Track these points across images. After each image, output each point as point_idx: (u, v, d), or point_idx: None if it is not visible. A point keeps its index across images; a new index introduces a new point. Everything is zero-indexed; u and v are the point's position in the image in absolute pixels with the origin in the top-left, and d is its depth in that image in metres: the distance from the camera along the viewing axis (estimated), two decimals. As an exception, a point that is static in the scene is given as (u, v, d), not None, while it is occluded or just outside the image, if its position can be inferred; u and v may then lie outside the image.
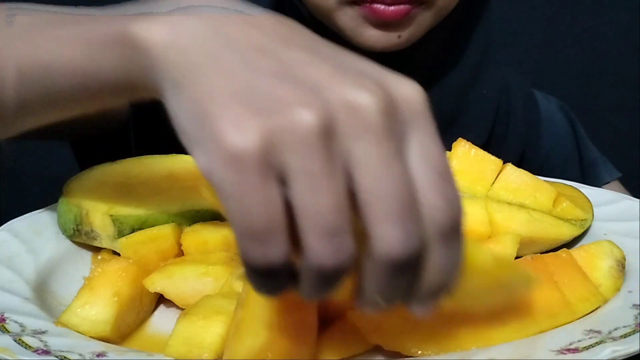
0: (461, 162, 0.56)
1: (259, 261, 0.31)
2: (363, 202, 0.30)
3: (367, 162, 0.30)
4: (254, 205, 0.30)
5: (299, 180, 0.30)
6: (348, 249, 0.31)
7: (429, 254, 0.32)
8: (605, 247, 0.49)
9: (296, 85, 0.31)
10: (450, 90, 0.80)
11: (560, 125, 0.91)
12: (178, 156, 0.65)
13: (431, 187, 0.32)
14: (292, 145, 0.30)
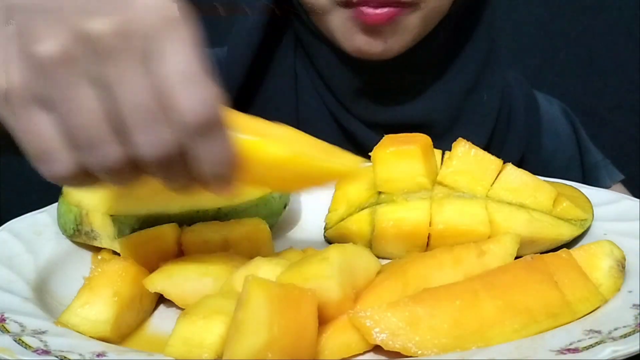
0: (461, 162, 0.56)
1: (49, 175, 0.39)
2: (121, 116, 0.36)
3: (114, 81, 0.36)
4: (25, 134, 0.37)
5: (59, 107, 0.37)
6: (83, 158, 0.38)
7: (193, 149, 0.38)
8: (605, 247, 0.49)
9: (43, 20, 0.36)
10: (451, 95, 0.79)
11: (562, 128, 0.91)
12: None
13: (180, 91, 0.36)
14: (43, 76, 0.36)
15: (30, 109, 0.37)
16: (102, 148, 0.37)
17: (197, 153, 0.38)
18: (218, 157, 0.39)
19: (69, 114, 0.37)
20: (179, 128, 0.37)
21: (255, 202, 0.59)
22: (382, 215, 0.56)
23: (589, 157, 0.91)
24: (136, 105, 0.36)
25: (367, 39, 0.71)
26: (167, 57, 0.36)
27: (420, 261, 0.48)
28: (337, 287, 0.43)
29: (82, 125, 0.37)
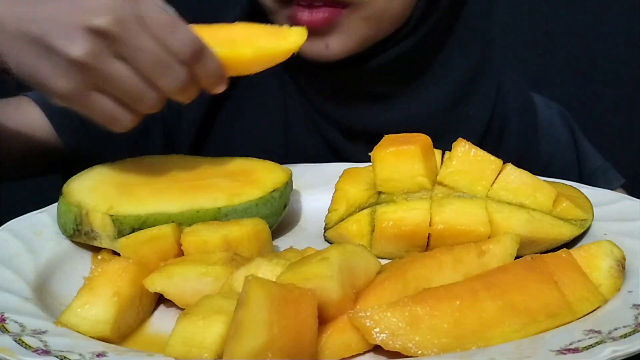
0: (461, 162, 0.56)
1: (119, 130, 0.57)
2: (147, 74, 0.53)
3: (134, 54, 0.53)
4: (92, 111, 0.55)
5: (108, 82, 0.53)
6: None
7: (196, 70, 0.55)
8: (605, 247, 0.49)
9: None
10: (433, 105, 0.78)
11: (560, 133, 0.90)
12: (178, 156, 0.65)
13: (171, 40, 0.53)
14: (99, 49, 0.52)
15: (90, 91, 0.53)
16: (144, 99, 0.55)
17: (199, 71, 0.56)
18: (212, 68, 0.56)
19: (117, 84, 0.53)
20: (182, 63, 0.54)
21: (255, 202, 0.59)
22: (382, 215, 0.56)
23: (587, 164, 0.90)
24: (147, 62, 0.53)
25: (307, 41, 0.71)
26: (151, 23, 0.52)
27: (420, 261, 0.48)
28: (337, 287, 0.43)
29: (128, 90, 0.54)
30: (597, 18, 1.49)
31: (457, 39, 0.79)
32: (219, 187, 0.59)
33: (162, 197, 0.57)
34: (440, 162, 0.58)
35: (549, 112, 0.91)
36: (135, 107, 0.55)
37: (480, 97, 0.81)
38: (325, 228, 0.61)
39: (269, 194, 0.60)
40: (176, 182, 0.60)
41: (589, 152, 0.91)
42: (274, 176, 0.62)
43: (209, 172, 0.62)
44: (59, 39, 0.51)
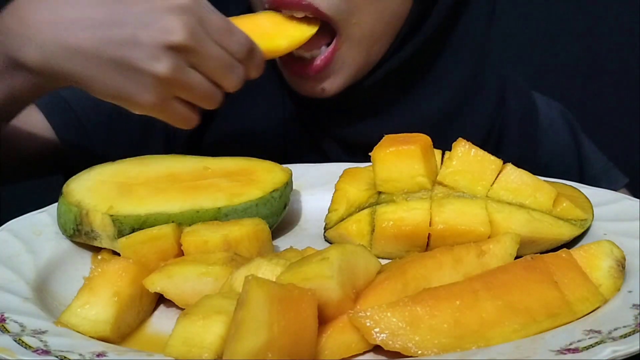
0: (461, 162, 0.56)
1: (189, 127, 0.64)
2: (214, 78, 0.60)
3: (203, 61, 0.59)
4: (171, 117, 0.62)
5: (186, 91, 0.60)
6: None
7: (248, 65, 0.63)
8: (605, 247, 0.49)
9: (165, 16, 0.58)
10: (426, 118, 0.78)
11: (561, 134, 0.89)
12: (178, 156, 0.65)
13: (230, 43, 0.60)
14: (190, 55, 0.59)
15: (170, 100, 0.60)
16: (212, 99, 0.61)
17: (250, 66, 0.62)
18: (259, 61, 0.64)
19: (192, 91, 0.60)
20: (239, 62, 0.61)
21: (255, 202, 0.59)
22: (382, 215, 0.56)
23: (589, 165, 0.89)
24: (219, 67, 0.60)
25: (302, 83, 0.72)
26: (212, 29, 0.59)
27: (420, 261, 0.48)
28: (337, 287, 0.43)
29: (200, 94, 0.60)
30: (597, 17, 1.49)
31: (452, 52, 0.78)
32: (219, 187, 0.59)
33: (162, 197, 0.57)
34: (440, 162, 0.58)
35: (550, 112, 0.90)
36: (204, 106, 0.62)
37: (478, 111, 0.81)
38: (325, 228, 0.61)
39: (269, 194, 0.60)
40: (176, 182, 0.60)
41: (591, 152, 0.91)
42: (274, 176, 0.62)
43: (209, 172, 0.62)
44: (144, 60, 0.56)
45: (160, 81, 0.58)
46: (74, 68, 0.58)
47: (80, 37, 0.57)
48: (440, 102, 0.79)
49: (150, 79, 0.57)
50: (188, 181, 0.60)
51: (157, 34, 0.56)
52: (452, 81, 0.79)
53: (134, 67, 0.57)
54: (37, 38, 0.57)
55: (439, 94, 0.79)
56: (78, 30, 0.57)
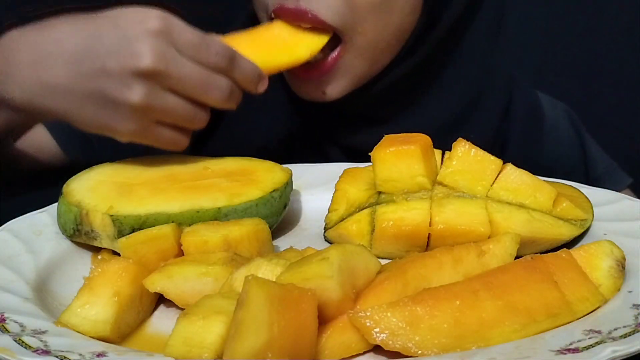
0: (461, 162, 0.56)
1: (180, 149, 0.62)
2: (194, 97, 0.59)
3: (180, 82, 0.57)
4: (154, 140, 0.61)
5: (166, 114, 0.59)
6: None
7: (234, 75, 0.60)
8: (605, 247, 0.49)
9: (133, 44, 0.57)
10: (434, 129, 0.78)
11: (566, 134, 0.89)
12: (178, 156, 0.65)
13: (206, 57, 0.58)
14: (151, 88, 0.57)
15: (152, 125, 0.58)
16: (197, 118, 0.60)
17: (237, 76, 0.60)
18: (248, 70, 0.61)
19: (172, 114, 0.58)
20: (220, 73, 0.58)
21: (255, 202, 0.59)
22: (382, 215, 0.56)
23: (593, 165, 0.89)
24: (197, 85, 0.58)
25: (304, 86, 0.72)
26: (182, 46, 0.57)
27: (420, 261, 0.48)
28: (337, 287, 0.43)
29: (183, 116, 0.59)
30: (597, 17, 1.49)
31: (457, 63, 0.78)
32: (219, 187, 0.59)
33: (162, 197, 0.57)
34: (440, 162, 0.58)
35: (555, 112, 0.90)
36: (189, 127, 0.61)
37: (482, 120, 0.81)
38: (325, 228, 0.61)
39: (269, 194, 0.60)
40: (176, 182, 0.60)
41: (595, 152, 0.90)
42: (274, 176, 0.62)
43: (209, 172, 0.62)
44: (116, 90, 0.56)
45: (136, 109, 0.57)
46: (54, 104, 0.58)
47: (56, 73, 0.57)
48: (445, 112, 0.79)
49: (126, 108, 0.57)
50: (188, 181, 0.60)
51: (125, 61, 0.55)
52: (457, 92, 0.79)
53: (108, 98, 0.56)
54: (18, 77, 0.58)
55: (443, 105, 0.79)
56: (54, 67, 0.57)
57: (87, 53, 0.56)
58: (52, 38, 0.58)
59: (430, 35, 0.74)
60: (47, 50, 0.57)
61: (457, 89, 0.79)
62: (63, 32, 0.58)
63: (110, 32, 0.56)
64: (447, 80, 0.79)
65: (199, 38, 0.57)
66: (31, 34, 0.59)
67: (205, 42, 0.58)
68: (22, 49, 0.58)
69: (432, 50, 0.76)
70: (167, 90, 0.57)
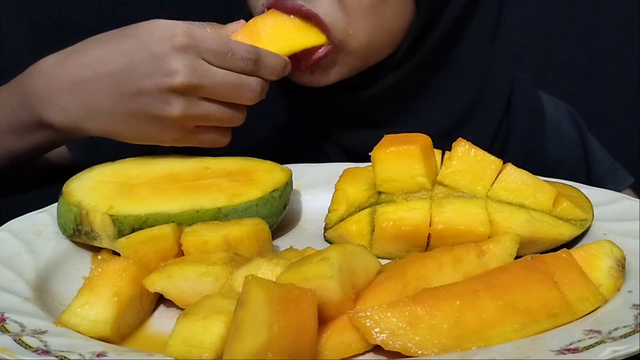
0: (461, 162, 0.56)
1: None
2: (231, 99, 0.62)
3: (214, 91, 0.61)
4: (198, 142, 0.65)
5: (205, 118, 0.62)
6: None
7: (262, 72, 0.63)
8: (605, 247, 0.49)
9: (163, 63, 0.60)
10: (433, 132, 0.78)
11: (568, 134, 0.89)
12: (178, 156, 0.65)
13: (234, 63, 0.61)
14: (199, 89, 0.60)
15: (194, 131, 0.62)
16: (235, 118, 0.63)
17: (265, 73, 0.63)
18: (274, 64, 0.63)
19: (211, 119, 0.62)
20: (250, 75, 0.61)
21: (255, 202, 0.59)
22: (382, 215, 0.56)
23: (595, 168, 0.89)
24: (230, 90, 0.61)
25: (294, 73, 0.71)
26: (210, 56, 0.60)
27: (420, 261, 0.48)
28: (337, 287, 0.43)
29: (221, 119, 0.62)
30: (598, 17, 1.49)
31: (455, 66, 0.78)
32: (219, 187, 0.59)
33: (162, 197, 0.57)
34: (440, 162, 0.58)
35: (557, 112, 0.90)
36: (230, 126, 0.64)
37: (481, 123, 0.81)
38: (325, 228, 0.61)
39: (269, 194, 0.60)
40: (176, 182, 0.60)
41: (597, 152, 0.91)
42: (274, 176, 0.62)
43: (209, 172, 0.62)
44: (155, 107, 0.60)
45: (176, 121, 0.60)
46: (100, 126, 0.62)
47: (98, 97, 0.61)
48: (444, 114, 0.79)
49: (167, 121, 0.60)
50: (188, 181, 0.60)
51: (160, 80, 0.59)
52: (457, 95, 0.79)
53: (150, 115, 0.60)
54: (61, 101, 0.61)
55: (443, 107, 0.79)
56: (96, 92, 0.61)
57: (124, 76, 0.60)
58: (87, 63, 0.61)
59: (427, 38, 0.74)
60: (85, 76, 0.61)
61: (457, 92, 0.79)
62: (96, 57, 0.61)
63: (141, 53, 0.59)
64: (446, 83, 0.79)
65: (224, 46, 0.60)
66: (67, 60, 0.62)
67: (231, 49, 0.60)
68: (60, 75, 0.62)
69: (430, 53, 0.75)
70: (203, 99, 0.60)
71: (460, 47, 0.78)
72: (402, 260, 0.50)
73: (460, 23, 0.77)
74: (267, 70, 0.63)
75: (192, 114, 0.60)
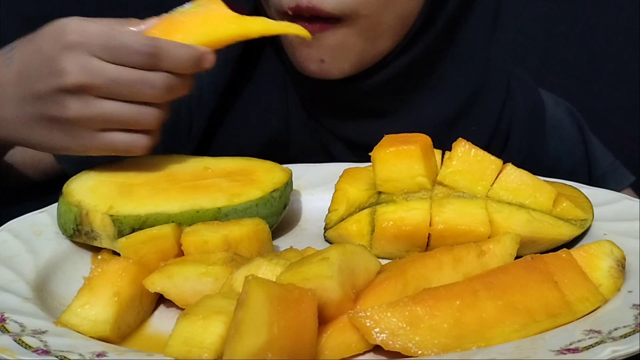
0: (461, 162, 0.56)
1: (139, 152, 0.60)
2: (135, 96, 0.57)
3: (107, 87, 0.56)
4: (97, 149, 0.60)
5: (103, 118, 0.58)
6: None
7: (166, 65, 0.57)
8: (605, 247, 0.49)
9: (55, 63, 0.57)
10: (435, 123, 0.78)
11: (568, 132, 0.89)
12: (178, 156, 0.65)
13: (126, 56, 0.56)
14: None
15: (100, 134, 0.58)
16: (145, 117, 0.58)
17: (169, 65, 0.57)
18: (181, 56, 0.57)
19: (115, 118, 0.57)
20: (149, 68, 0.56)
21: (255, 202, 0.59)
22: (382, 215, 0.56)
23: (596, 167, 0.89)
24: (127, 85, 0.56)
25: (305, 53, 0.70)
26: (101, 52, 0.56)
27: (420, 261, 0.48)
28: (337, 287, 0.43)
29: (127, 118, 0.57)
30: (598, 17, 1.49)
31: (456, 55, 0.78)
32: (219, 187, 0.59)
33: (162, 197, 0.57)
34: (440, 162, 0.58)
35: (558, 110, 0.90)
36: (142, 127, 0.59)
37: (483, 113, 0.81)
38: (325, 228, 0.61)
39: (269, 194, 0.60)
40: (176, 182, 0.60)
41: (598, 150, 0.91)
42: (274, 176, 0.62)
43: (209, 172, 0.62)
44: (52, 110, 0.57)
45: (76, 123, 0.57)
46: (10, 134, 0.61)
47: (2, 105, 0.60)
48: (447, 104, 0.79)
49: (68, 124, 0.57)
50: (188, 181, 0.60)
51: (52, 81, 0.56)
52: (459, 83, 0.79)
53: (50, 118, 0.58)
54: None
55: (445, 96, 0.79)
56: (3, 102, 0.59)
57: (22, 81, 0.58)
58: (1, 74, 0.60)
59: (432, 25, 0.74)
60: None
61: (459, 81, 0.79)
62: (0, 64, 0.60)
63: (36, 56, 0.57)
64: (448, 73, 0.79)
65: (115, 41, 0.56)
66: None
67: (122, 43, 0.56)
68: None
69: (435, 40, 0.75)
70: (101, 98, 0.57)
71: (462, 34, 0.78)
72: (402, 260, 0.50)
73: (463, 9, 0.77)
74: (171, 63, 0.57)
75: (89, 115, 0.57)
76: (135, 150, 0.59)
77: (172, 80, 0.58)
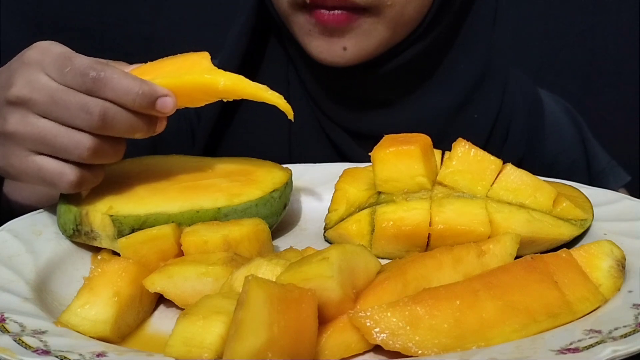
0: (461, 162, 0.56)
1: (67, 188, 0.56)
2: (65, 121, 0.53)
3: (47, 108, 0.54)
4: (33, 174, 0.56)
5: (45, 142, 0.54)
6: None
7: (106, 94, 0.53)
8: (605, 247, 0.49)
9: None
10: (437, 110, 0.79)
11: (567, 130, 0.90)
12: (178, 156, 0.65)
13: (67, 78, 0.53)
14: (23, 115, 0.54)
15: (31, 156, 0.54)
16: (76, 145, 0.54)
17: (109, 95, 0.53)
18: (122, 86, 0.53)
19: (46, 140, 0.54)
20: (87, 92, 0.53)
21: (255, 202, 0.59)
22: (382, 215, 0.56)
23: (595, 164, 0.90)
24: (64, 107, 0.53)
25: (325, 41, 0.70)
26: (48, 69, 0.54)
27: (420, 261, 0.48)
28: (337, 287, 0.43)
29: (58, 142, 0.53)
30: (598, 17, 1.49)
31: (461, 44, 0.79)
32: (219, 187, 0.59)
33: (162, 197, 0.57)
34: (440, 162, 0.58)
35: (556, 109, 0.91)
36: (71, 156, 0.54)
37: (486, 101, 0.81)
38: (325, 228, 0.61)
39: (269, 194, 0.60)
40: (176, 182, 0.60)
41: (596, 150, 0.91)
42: (274, 176, 0.62)
43: (209, 172, 0.62)
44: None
45: (10, 138, 0.54)
46: None
47: None
48: (451, 95, 0.80)
49: (5, 139, 0.55)
50: (188, 181, 0.60)
51: (1, 92, 0.55)
52: (463, 74, 0.80)
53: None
54: None
55: (450, 87, 0.80)
56: None
57: None
58: None
59: (445, 12, 0.75)
60: None
61: (465, 69, 0.80)
62: None
63: (4, 70, 0.57)
64: (454, 61, 0.79)
65: (67, 61, 0.53)
66: None
67: (72, 64, 0.53)
68: None
69: (444, 30, 0.76)
70: (39, 115, 0.54)
71: (468, 22, 0.79)
72: (402, 260, 0.50)
73: (465, 2, 0.78)
74: (114, 92, 0.53)
75: (23, 131, 0.54)
76: (60, 182, 0.55)
77: (111, 110, 0.53)
